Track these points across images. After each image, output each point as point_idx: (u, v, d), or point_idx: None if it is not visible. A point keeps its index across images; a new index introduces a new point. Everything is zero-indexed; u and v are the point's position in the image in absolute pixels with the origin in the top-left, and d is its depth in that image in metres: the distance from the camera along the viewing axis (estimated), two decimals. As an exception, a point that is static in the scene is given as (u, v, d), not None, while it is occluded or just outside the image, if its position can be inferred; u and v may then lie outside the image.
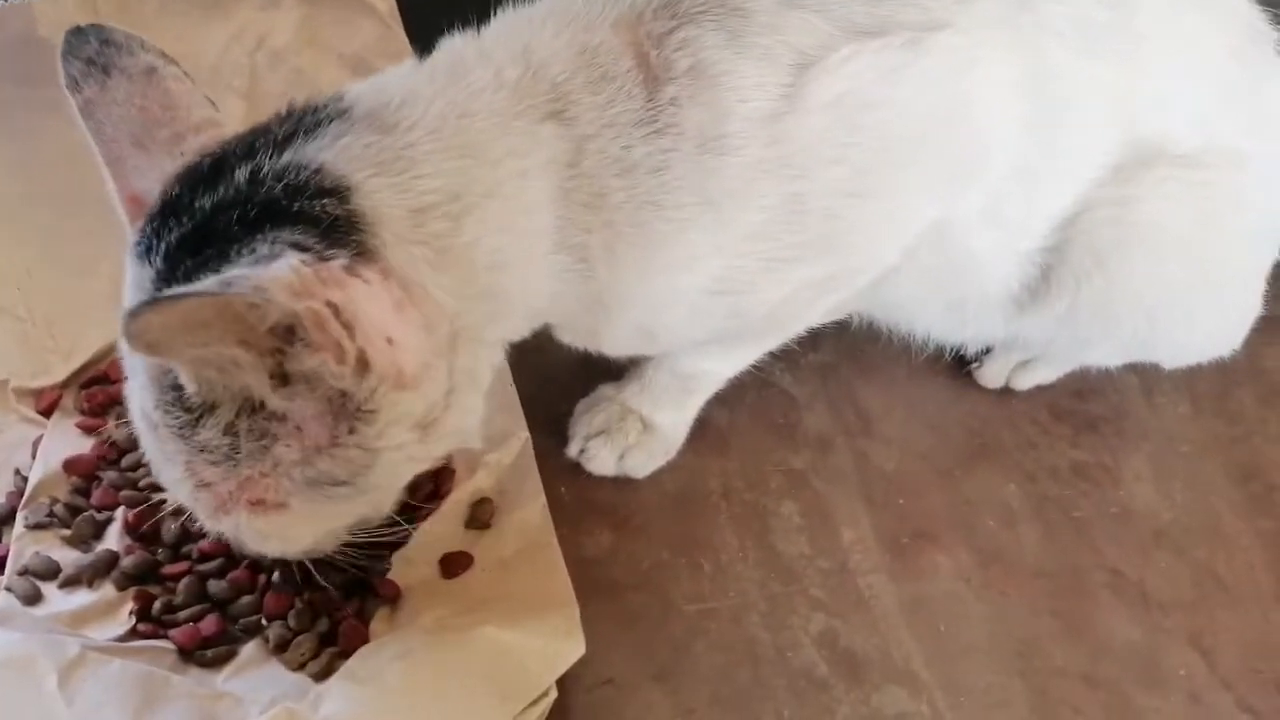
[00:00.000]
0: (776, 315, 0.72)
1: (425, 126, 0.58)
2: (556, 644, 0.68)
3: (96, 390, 0.82)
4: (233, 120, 0.64)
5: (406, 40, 0.93)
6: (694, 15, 0.62)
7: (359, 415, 0.55)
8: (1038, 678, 0.75)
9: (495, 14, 0.66)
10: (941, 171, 0.68)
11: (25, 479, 0.77)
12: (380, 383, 0.54)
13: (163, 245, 0.54)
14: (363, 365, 0.53)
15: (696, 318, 0.69)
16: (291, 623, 0.71)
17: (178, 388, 0.55)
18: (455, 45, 0.64)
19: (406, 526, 0.71)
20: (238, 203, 0.53)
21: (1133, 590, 0.81)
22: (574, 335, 0.72)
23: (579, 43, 0.62)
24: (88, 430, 0.81)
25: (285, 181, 0.54)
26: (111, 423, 0.81)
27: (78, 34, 0.59)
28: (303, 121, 0.57)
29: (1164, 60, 0.72)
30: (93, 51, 0.59)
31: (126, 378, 0.60)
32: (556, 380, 0.86)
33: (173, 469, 0.58)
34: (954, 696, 0.74)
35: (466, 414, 0.61)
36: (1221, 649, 0.78)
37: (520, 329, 0.67)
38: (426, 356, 0.56)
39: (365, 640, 0.71)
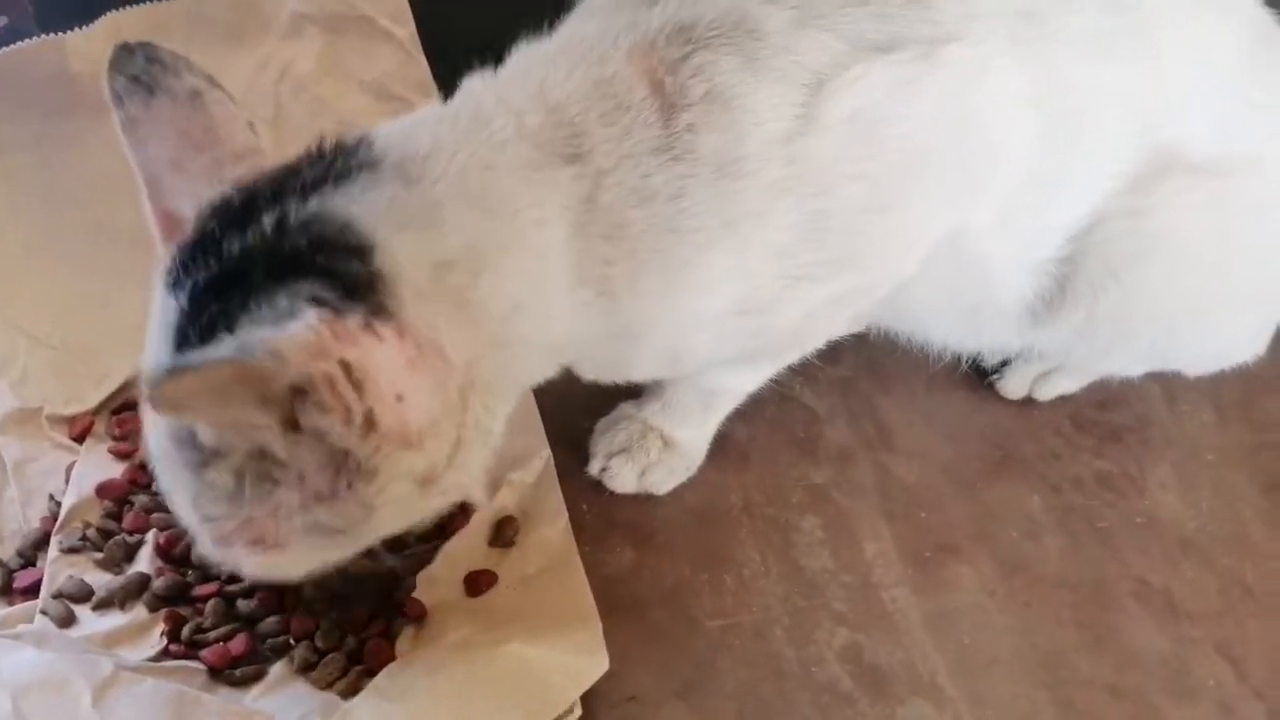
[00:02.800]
0: (799, 331, 0.73)
1: (449, 180, 0.58)
2: (580, 661, 0.69)
3: (127, 416, 0.84)
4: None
5: (427, 67, 0.95)
6: (708, 40, 0.62)
7: (360, 473, 0.56)
8: (1064, 689, 0.74)
9: (516, 35, 0.66)
10: (956, 182, 0.68)
11: (59, 504, 0.79)
12: (384, 442, 0.55)
13: (189, 283, 0.55)
14: (369, 425, 0.54)
15: (721, 339, 0.69)
16: (319, 642, 0.72)
17: (190, 429, 0.56)
18: (475, 89, 0.64)
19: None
20: (263, 251, 0.54)
21: (1159, 600, 0.80)
22: (598, 369, 0.72)
23: (593, 77, 0.62)
24: (119, 456, 0.82)
25: (310, 235, 0.55)
26: (142, 447, 0.83)
27: (126, 51, 0.60)
28: (333, 168, 0.58)
29: (1178, 67, 0.72)
30: (139, 69, 0.60)
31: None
32: (577, 398, 0.86)
33: (180, 498, 0.59)
34: (979, 710, 0.73)
35: (469, 470, 0.61)
36: (1251, 658, 0.77)
37: (536, 373, 0.67)
38: (435, 414, 0.56)
39: (391, 659, 0.72)
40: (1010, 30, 0.67)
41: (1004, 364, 0.92)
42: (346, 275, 0.54)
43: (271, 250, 0.54)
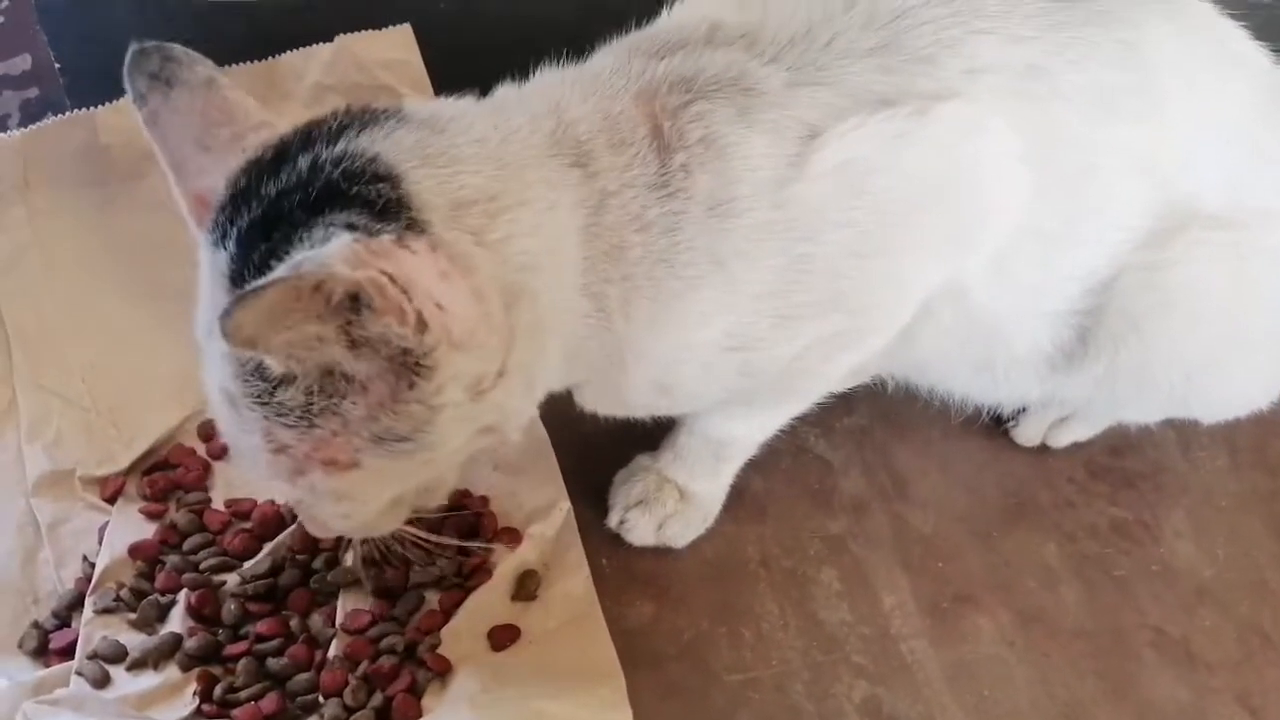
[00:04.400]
0: (791, 374, 0.74)
1: (471, 136, 0.62)
2: (603, 716, 0.70)
3: (158, 476, 0.86)
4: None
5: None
6: (708, 91, 0.66)
7: (418, 370, 0.58)
8: (1084, 741, 0.75)
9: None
10: (944, 234, 0.70)
11: (93, 565, 0.80)
12: (438, 342, 0.58)
13: (235, 231, 0.58)
14: (421, 325, 0.57)
15: (710, 374, 0.71)
16: (348, 699, 0.73)
17: (256, 361, 0.59)
18: (503, 91, 0.69)
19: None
20: (299, 187, 0.58)
21: (1177, 649, 0.81)
22: (596, 397, 0.75)
23: (603, 109, 0.66)
24: (150, 516, 0.84)
25: (343, 167, 0.58)
26: (173, 508, 0.85)
27: (142, 52, 0.64)
28: (360, 117, 0.62)
29: (1188, 121, 0.73)
30: (156, 67, 0.64)
31: (201, 361, 0.64)
32: (596, 451, 0.88)
33: (250, 437, 0.62)
34: (1000, 762, 0.74)
35: (513, 398, 0.64)
36: (1270, 707, 0.77)
37: (554, 367, 0.69)
38: (475, 322, 0.59)
39: (418, 714, 0.73)
40: (1013, 87, 0.68)
41: (1019, 411, 0.93)
42: (378, 200, 0.57)
43: (307, 186, 0.58)
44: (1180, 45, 0.73)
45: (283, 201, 0.58)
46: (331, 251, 0.53)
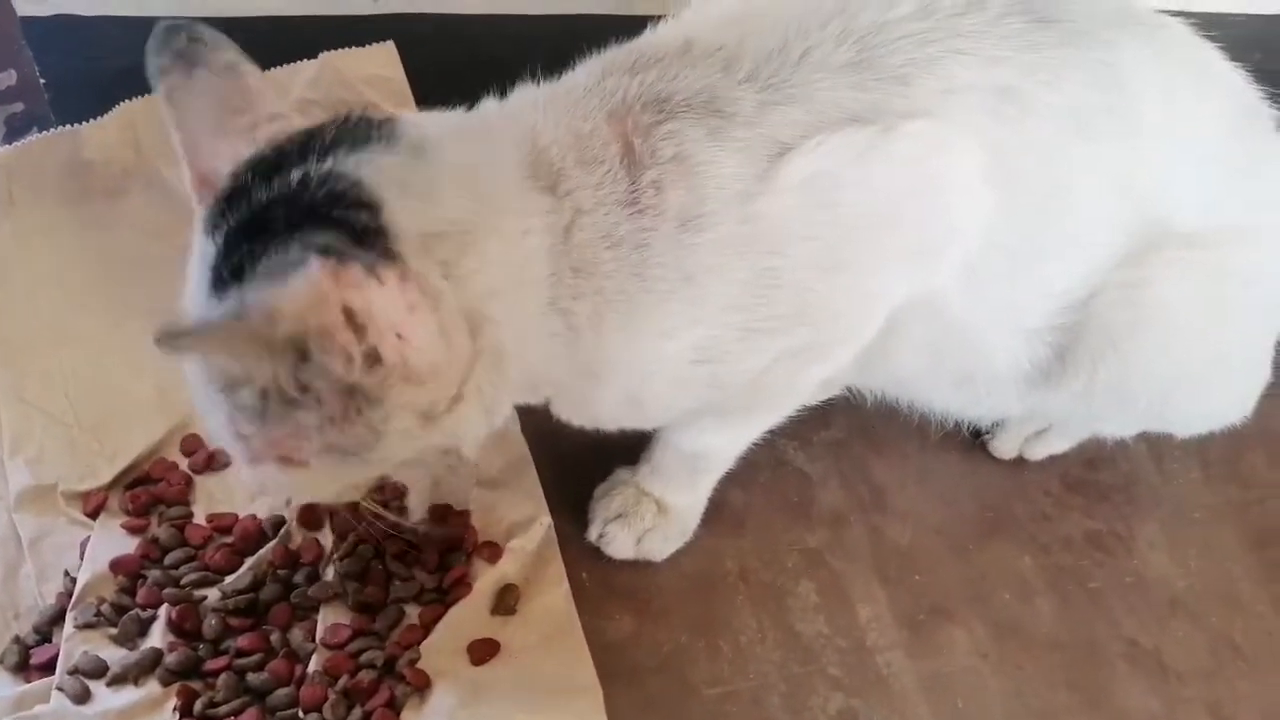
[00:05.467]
0: (760, 386, 0.74)
1: (452, 163, 0.64)
2: (581, 730, 0.71)
3: (140, 491, 0.86)
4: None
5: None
6: (679, 112, 0.67)
7: (367, 400, 0.61)
8: (1057, 752, 0.76)
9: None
10: (906, 249, 0.71)
11: (74, 580, 0.81)
12: (389, 375, 0.60)
13: (225, 226, 0.61)
14: (373, 360, 0.59)
15: (680, 386, 0.72)
16: (327, 714, 0.74)
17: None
18: (486, 106, 0.70)
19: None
20: (286, 201, 0.59)
21: (1150, 660, 0.82)
22: (569, 408, 0.75)
23: (575, 129, 0.67)
24: (132, 531, 0.85)
25: (328, 188, 0.60)
26: (155, 522, 0.85)
27: (170, 29, 0.65)
28: (354, 132, 0.63)
29: (1164, 140, 0.74)
30: (181, 46, 0.65)
31: None
32: (576, 465, 0.89)
33: (216, 417, 0.64)
34: (974, 773, 0.75)
35: (467, 424, 0.66)
36: (1242, 717, 0.79)
37: (516, 388, 0.70)
38: (437, 356, 0.61)
39: (398, 730, 0.74)
40: (987, 107, 0.69)
41: (996, 424, 0.94)
42: (356, 225, 0.58)
43: (293, 201, 0.59)
44: (1156, 66, 0.74)
45: (270, 210, 0.59)
46: (290, 290, 0.54)
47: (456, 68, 0.89)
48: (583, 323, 0.67)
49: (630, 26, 0.74)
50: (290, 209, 0.59)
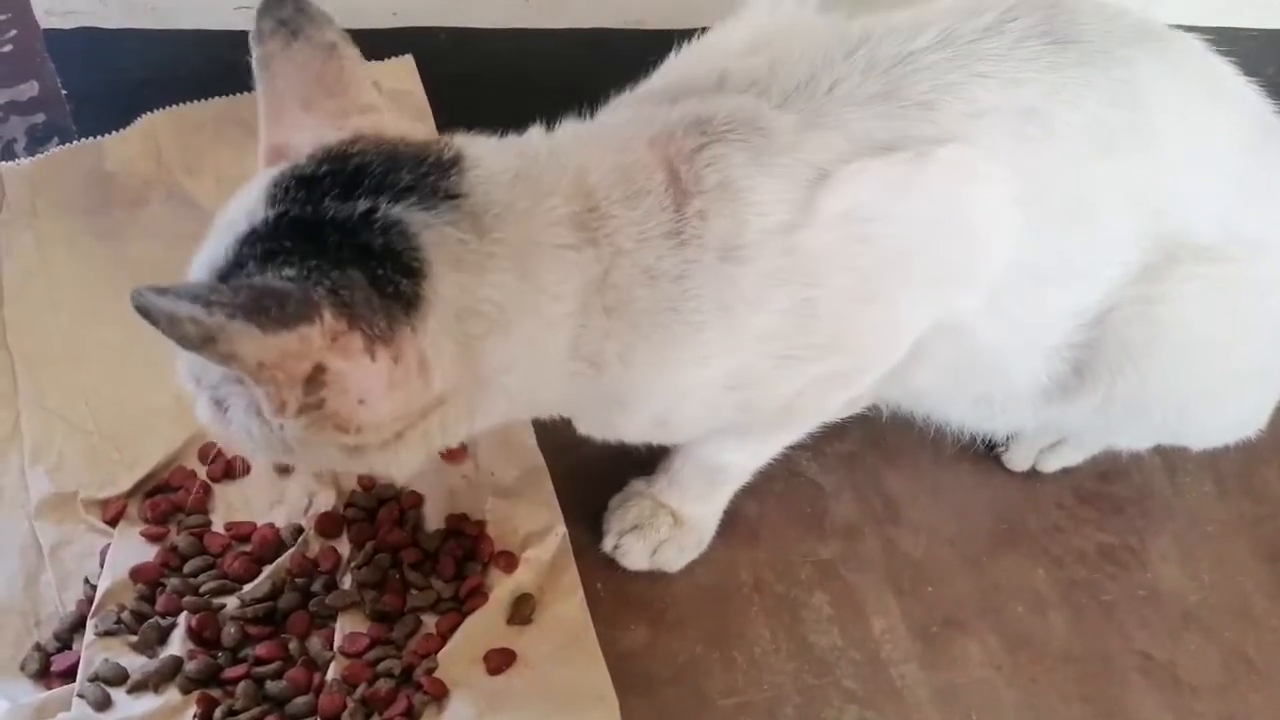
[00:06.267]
0: (789, 409, 0.75)
1: (507, 244, 0.63)
2: (597, 741, 0.71)
3: (160, 499, 0.87)
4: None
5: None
6: (722, 133, 0.67)
7: (287, 428, 0.61)
8: (1071, 766, 0.76)
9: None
10: (940, 276, 0.71)
11: (94, 587, 0.81)
12: (321, 420, 0.60)
13: (278, 208, 0.61)
14: (311, 407, 0.59)
15: (710, 409, 0.72)
16: (345, 723, 0.75)
17: None
18: (538, 149, 0.68)
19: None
20: (343, 229, 0.59)
21: (1163, 673, 0.82)
22: (590, 427, 0.76)
23: (619, 164, 0.67)
24: (151, 539, 0.85)
25: (384, 240, 0.60)
26: (174, 530, 0.86)
27: None
28: (427, 182, 0.62)
29: (1181, 158, 0.74)
30: (287, 15, 0.65)
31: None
32: (591, 475, 0.89)
33: (180, 363, 0.65)
34: (987, 786, 0.75)
35: (398, 460, 0.66)
36: (1256, 732, 0.79)
37: (513, 415, 0.72)
38: (385, 419, 0.62)
39: (415, 739, 0.74)
40: (1012, 129, 0.69)
41: (1010, 437, 0.94)
42: (394, 287, 0.59)
43: (350, 233, 0.60)
44: (1172, 83, 0.74)
45: (328, 228, 0.59)
46: (269, 342, 0.54)
47: (476, 81, 0.90)
48: (610, 360, 0.67)
49: (649, 41, 0.74)
50: (345, 239, 0.59)
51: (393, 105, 0.97)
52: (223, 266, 0.60)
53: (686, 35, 0.75)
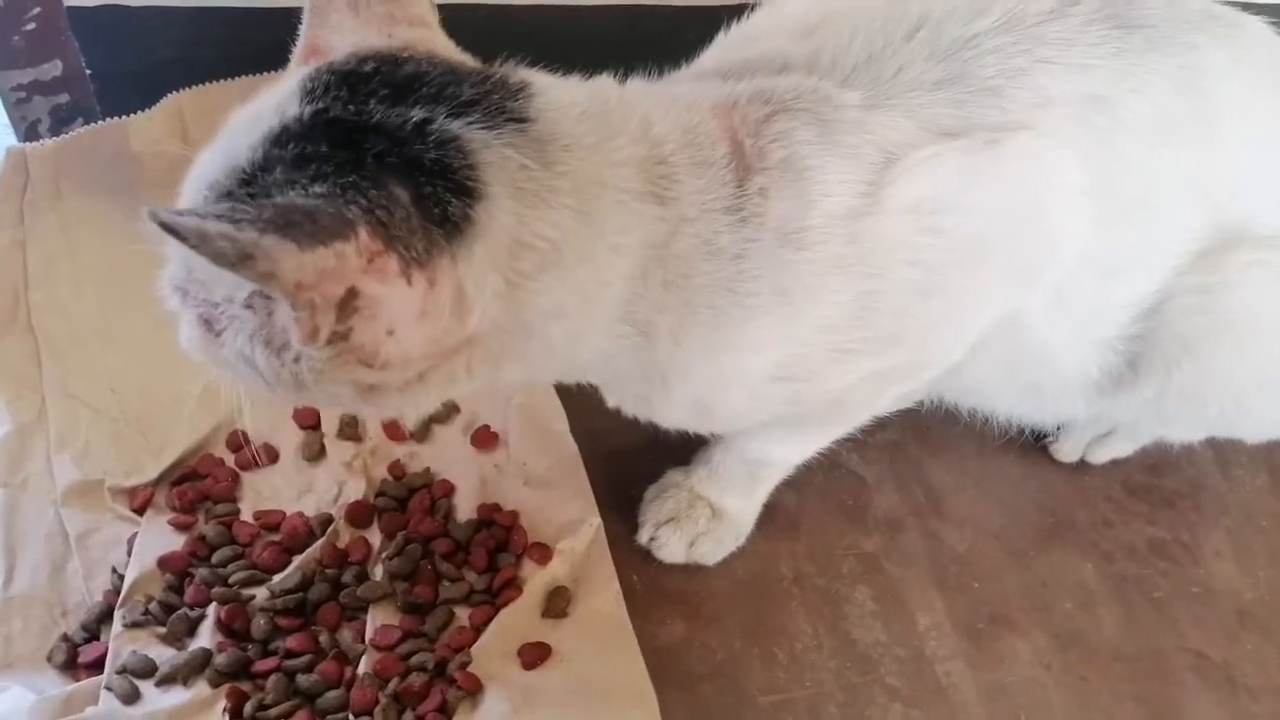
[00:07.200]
0: (840, 403, 0.73)
1: (571, 178, 0.59)
2: (636, 739, 0.70)
3: (187, 487, 0.86)
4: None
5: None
6: (788, 103, 0.64)
7: (304, 361, 0.56)
8: (1124, 768, 0.74)
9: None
10: (1009, 272, 0.69)
11: (121, 577, 0.80)
12: (346, 353, 0.56)
13: (315, 104, 0.56)
14: (339, 338, 0.55)
15: (756, 400, 0.70)
16: (378, 718, 0.73)
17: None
18: (608, 94, 0.64)
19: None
20: (393, 138, 0.55)
21: (1218, 673, 0.80)
22: (623, 399, 0.73)
23: (682, 123, 0.64)
24: (179, 527, 0.84)
25: (439, 156, 0.55)
26: (202, 519, 0.84)
27: None
28: (490, 100, 0.58)
29: (1243, 144, 0.72)
30: None
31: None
32: (626, 465, 0.87)
33: (166, 273, 0.61)
34: (1037, 788, 0.73)
35: (415, 402, 0.62)
36: (1315, 735, 0.76)
37: (544, 373, 0.68)
38: (413, 354, 0.57)
39: (449, 735, 0.72)
40: (1079, 116, 0.67)
41: (1058, 428, 0.92)
42: (444, 205, 0.55)
43: (400, 143, 0.55)
44: (1237, 69, 0.72)
45: (372, 135, 0.55)
46: (304, 260, 0.50)
47: (509, 58, 0.87)
48: (662, 333, 0.65)
49: (684, 17, 0.72)
50: (391, 149, 0.54)
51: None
52: (244, 168, 0.55)
53: (731, 12, 0.72)
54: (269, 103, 0.58)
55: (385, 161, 0.54)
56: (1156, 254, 0.72)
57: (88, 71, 1.03)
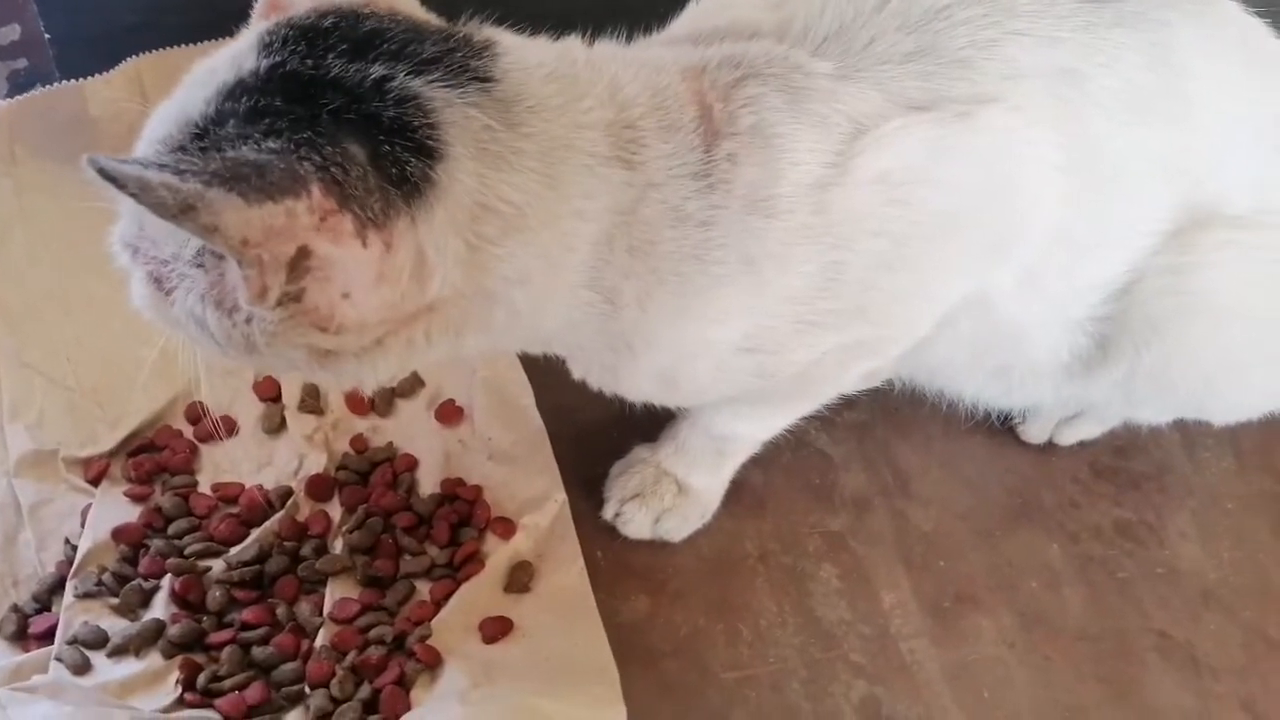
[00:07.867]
0: (805, 378, 0.72)
1: (536, 140, 0.58)
2: (597, 714, 0.69)
3: (143, 459, 0.84)
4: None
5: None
6: (758, 68, 0.63)
7: (256, 322, 0.55)
8: (1085, 746, 0.74)
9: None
10: (978, 247, 0.68)
11: (74, 548, 0.79)
12: (299, 315, 0.54)
13: (271, 58, 0.54)
14: (291, 299, 0.53)
15: (722, 372, 0.69)
16: (334, 691, 0.72)
17: None
18: (576, 55, 0.63)
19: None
20: (351, 94, 0.53)
21: (1181, 653, 0.80)
22: (588, 370, 0.72)
23: (651, 84, 0.63)
24: (134, 499, 0.82)
25: (397, 113, 0.54)
26: (158, 490, 0.83)
27: None
28: (453, 58, 0.57)
29: (1215, 122, 0.71)
30: None
31: None
32: (592, 441, 0.86)
33: (117, 227, 0.59)
34: (1000, 765, 0.73)
35: (373, 369, 0.60)
36: (1276, 713, 0.76)
37: (506, 343, 0.68)
38: (369, 319, 0.56)
39: (407, 707, 0.71)
40: (1050, 90, 0.66)
41: (1026, 409, 0.91)
42: (402, 166, 0.53)
43: (357, 100, 0.53)
44: (1209, 46, 0.71)
45: (329, 90, 0.53)
46: (252, 214, 0.49)
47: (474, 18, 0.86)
48: (627, 300, 0.63)
49: (671, 6, 0.71)
50: (348, 105, 0.53)
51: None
52: (197, 121, 0.53)
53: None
54: (225, 56, 0.57)
55: (342, 118, 0.53)
56: (1128, 232, 0.72)
57: (46, 36, 1.01)
